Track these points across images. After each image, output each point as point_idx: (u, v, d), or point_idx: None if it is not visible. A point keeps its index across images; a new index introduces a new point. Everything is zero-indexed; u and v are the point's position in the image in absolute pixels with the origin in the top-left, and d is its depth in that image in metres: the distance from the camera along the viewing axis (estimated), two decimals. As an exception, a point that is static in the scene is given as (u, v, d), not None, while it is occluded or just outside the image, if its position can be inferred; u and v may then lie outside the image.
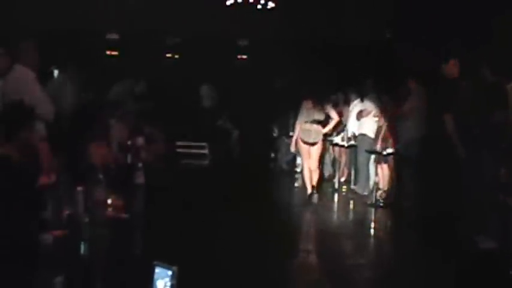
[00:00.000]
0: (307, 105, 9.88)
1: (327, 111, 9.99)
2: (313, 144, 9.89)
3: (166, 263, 2.53)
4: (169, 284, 2.53)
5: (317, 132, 9.87)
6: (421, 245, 7.36)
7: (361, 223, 9.19)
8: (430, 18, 12.60)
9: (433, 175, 8.27)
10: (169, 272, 2.53)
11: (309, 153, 9.97)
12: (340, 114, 10.67)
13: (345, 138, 11.32)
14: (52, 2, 14.99)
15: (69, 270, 2.46)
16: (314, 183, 9.97)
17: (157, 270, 2.54)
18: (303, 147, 9.99)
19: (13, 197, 3.50)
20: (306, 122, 9.83)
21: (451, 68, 7.51)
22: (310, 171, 9.96)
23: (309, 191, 9.91)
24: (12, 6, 14.49)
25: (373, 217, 9.35)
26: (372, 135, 10.36)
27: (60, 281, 2.37)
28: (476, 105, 7.15)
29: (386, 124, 9.90)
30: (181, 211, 4.99)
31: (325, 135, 10.33)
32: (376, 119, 10.25)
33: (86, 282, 2.78)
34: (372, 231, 8.69)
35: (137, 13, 15.82)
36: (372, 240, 8.27)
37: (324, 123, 9.98)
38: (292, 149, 10.74)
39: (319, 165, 10.31)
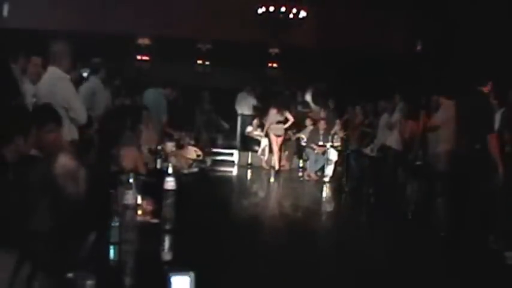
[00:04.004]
0: (272, 111, 14.62)
1: (285, 115, 14.66)
2: (279, 136, 14.76)
3: (186, 268, 2.48)
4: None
5: (281, 129, 14.75)
6: (452, 260, 7.23)
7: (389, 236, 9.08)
8: (458, 34, 12.57)
9: (461, 188, 8.09)
10: (187, 278, 2.47)
11: (277, 142, 14.77)
12: (295, 116, 15.06)
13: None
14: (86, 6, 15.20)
15: (98, 273, 2.44)
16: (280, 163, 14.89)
17: (174, 277, 2.47)
18: (273, 139, 14.79)
19: (40, 198, 3.50)
20: (272, 123, 14.62)
21: (488, 90, 7.60)
22: (278, 154, 14.75)
23: (277, 167, 14.72)
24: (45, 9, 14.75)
25: (401, 230, 9.25)
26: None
27: (91, 284, 2.35)
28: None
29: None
30: (209, 216, 4.98)
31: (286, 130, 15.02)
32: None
33: (115, 286, 2.77)
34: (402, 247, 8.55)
35: (169, 19, 15.89)
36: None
37: (284, 122, 14.74)
38: (263, 134, 15.42)
39: (280, 149, 14.95)
